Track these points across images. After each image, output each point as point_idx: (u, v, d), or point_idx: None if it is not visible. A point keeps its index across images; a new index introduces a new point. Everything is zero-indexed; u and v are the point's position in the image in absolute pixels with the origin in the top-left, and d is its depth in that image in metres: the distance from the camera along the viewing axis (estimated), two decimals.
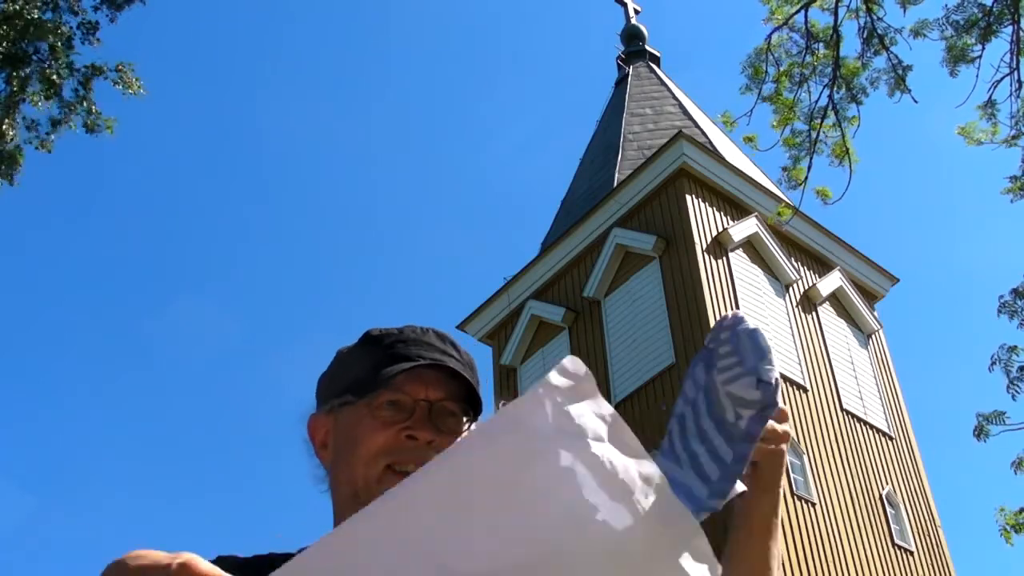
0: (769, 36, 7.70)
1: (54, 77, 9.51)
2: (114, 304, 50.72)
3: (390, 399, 1.33)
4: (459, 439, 1.33)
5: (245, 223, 53.61)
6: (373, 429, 1.32)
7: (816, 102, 7.62)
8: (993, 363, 8.64)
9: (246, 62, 55.29)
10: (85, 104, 9.93)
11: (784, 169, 7.71)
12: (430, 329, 1.42)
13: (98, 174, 49.06)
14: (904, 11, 7.60)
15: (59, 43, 9.48)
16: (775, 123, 7.67)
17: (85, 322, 49.60)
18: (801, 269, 17.96)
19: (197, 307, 50.17)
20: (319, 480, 1.40)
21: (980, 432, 8.59)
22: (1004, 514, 8.86)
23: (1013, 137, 8.26)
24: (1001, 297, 8.72)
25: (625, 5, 25.80)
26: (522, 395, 0.85)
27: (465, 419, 1.36)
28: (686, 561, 0.82)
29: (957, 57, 7.62)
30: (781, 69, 7.62)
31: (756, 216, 17.40)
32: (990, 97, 8.09)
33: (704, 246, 16.47)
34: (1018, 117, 8.14)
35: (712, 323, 15.23)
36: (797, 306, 17.41)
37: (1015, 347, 8.53)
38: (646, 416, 15.52)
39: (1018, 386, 8.63)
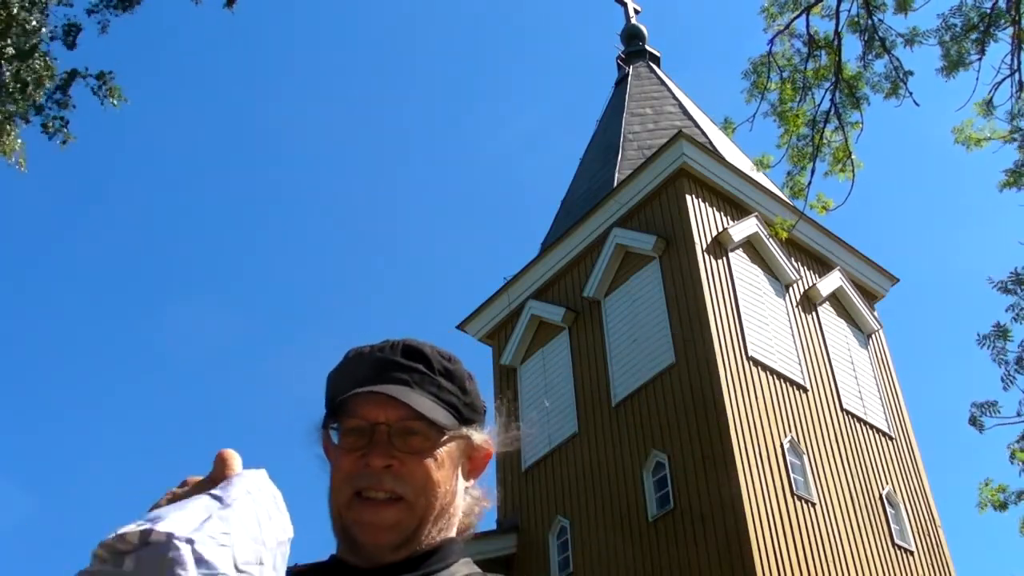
0: (771, 42, 7.71)
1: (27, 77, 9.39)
2: (113, 304, 50.74)
3: (351, 426, 1.36)
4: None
5: (243, 223, 53.63)
6: (340, 456, 1.36)
7: (819, 106, 7.63)
8: (983, 341, 8.61)
9: (242, 60, 55.31)
10: (57, 107, 9.82)
11: (788, 174, 7.73)
12: (401, 344, 1.43)
13: (94, 175, 49.08)
14: (905, 15, 7.60)
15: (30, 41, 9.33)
16: (782, 137, 7.68)
17: (84, 323, 49.63)
18: (801, 269, 17.96)
19: (197, 307, 50.20)
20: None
21: (974, 422, 8.61)
22: (989, 488, 8.88)
23: (1011, 132, 8.27)
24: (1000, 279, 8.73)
25: (625, 5, 25.82)
26: None
27: (444, 433, 1.36)
28: None
29: (954, 64, 7.63)
30: (784, 77, 7.63)
31: (756, 216, 17.40)
32: (990, 98, 8.10)
33: (704, 246, 16.47)
34: (1015, 114, 8.15)
35: (712, 323, 15.28)
36: (797, 306, 17.41)
37: (1007, 330, 8.52)
38: (645, 416, 15.54)
39: (1013, 377, 8.65)
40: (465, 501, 1.45)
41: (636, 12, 25.79)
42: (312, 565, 1.39)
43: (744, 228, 17.20)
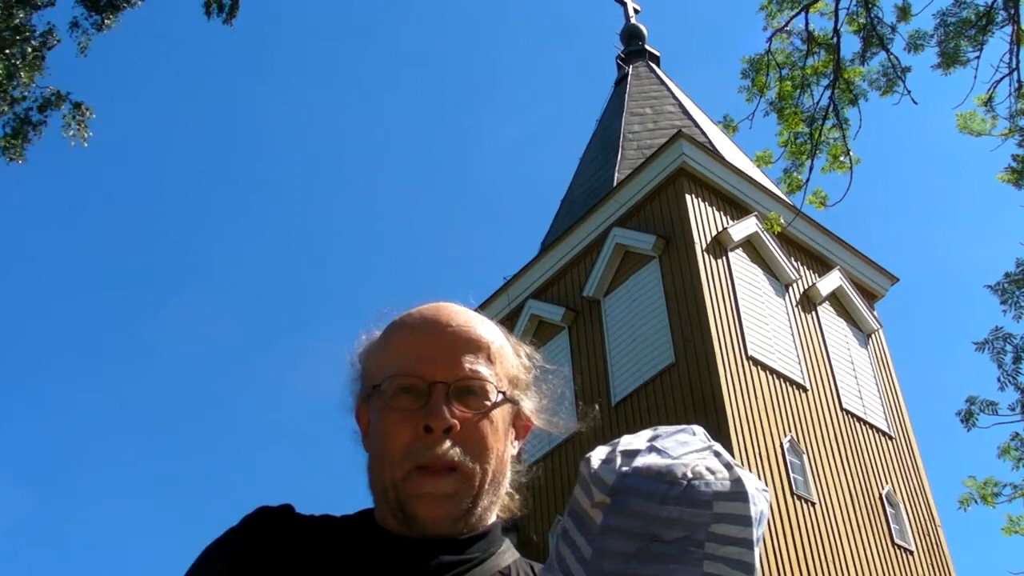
0: (770, 40, 7.71)
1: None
2: (114, 302, 50.75)
3: (404, 384, 1.27)
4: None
5: (245, 221, 53.64)
6: (394, 423, 1.26)
7: (817, 103, 7.63)
8: (984, 344, 8.59)
9: (243, 56, 55.31)
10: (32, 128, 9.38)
11: (785, 171, 7.73)
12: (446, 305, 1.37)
13: (95, 173, 49.08)
14: (907, 22, 7.60)
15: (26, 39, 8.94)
16: (780, 133, 7.67)
17: (85, 321, 49.63)
18: (801, 269, 17.95)
19: (197, 305, 50.21)
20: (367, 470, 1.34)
21: (968, 418, 8.56)
22: (974, 482, 8.81)
23: (1010, 131, 8.27)
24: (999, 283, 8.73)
25: (625, 5, 25.80)
26: None
27: (500, 393, 1.30)
28: None
29: (951, 60, 7.62)
30: (783, 75, 7.63)
31: (756, 216, 17.38)
32: (990, 95, 8.10)
33: (704, 246, 16.46)
34: (1014, 112, 8.15)
35: (712, 322, 15.25)
36: (797, 306, 17.40)
37: (1009, 334, 8.51)
38: (645, 416, 15.52)
39: (1012, 377, 8.61)
40: (509, 475, 1.35)
41: (636, 12, 25.78)
42: (345, 518, 1.34)
43: (744, 228, 17.18)
